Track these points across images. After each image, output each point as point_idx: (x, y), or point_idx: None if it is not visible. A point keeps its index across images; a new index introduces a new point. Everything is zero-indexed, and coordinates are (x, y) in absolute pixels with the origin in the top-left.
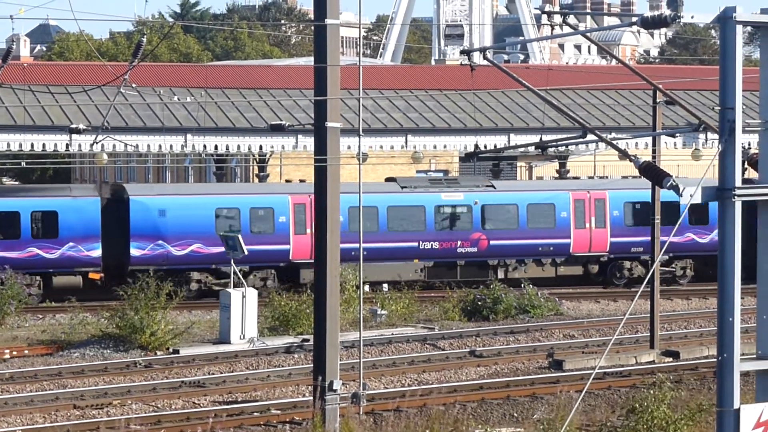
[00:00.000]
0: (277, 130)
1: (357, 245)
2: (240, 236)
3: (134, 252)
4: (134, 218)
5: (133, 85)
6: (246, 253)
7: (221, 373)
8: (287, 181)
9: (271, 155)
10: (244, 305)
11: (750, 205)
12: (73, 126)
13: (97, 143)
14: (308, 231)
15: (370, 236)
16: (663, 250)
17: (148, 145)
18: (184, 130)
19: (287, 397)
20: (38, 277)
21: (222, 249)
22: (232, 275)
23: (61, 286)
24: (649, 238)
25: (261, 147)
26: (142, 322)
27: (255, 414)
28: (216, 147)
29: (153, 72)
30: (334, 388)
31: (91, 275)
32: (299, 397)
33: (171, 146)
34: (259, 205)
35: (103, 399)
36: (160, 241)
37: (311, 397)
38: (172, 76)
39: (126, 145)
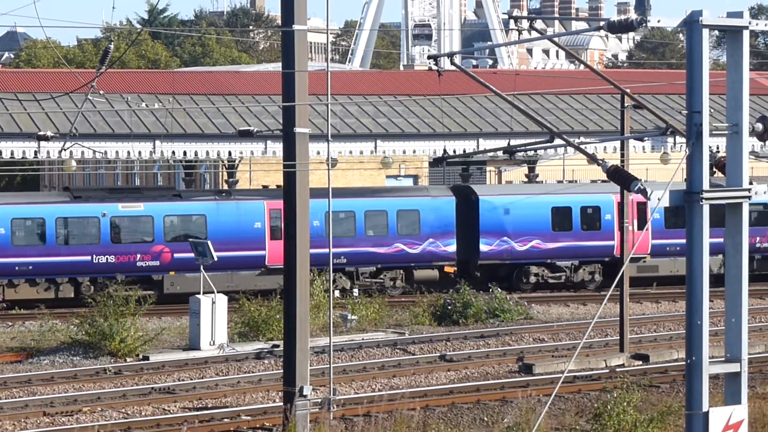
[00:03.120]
0: (245, 135)
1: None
2: (210, 243)
3: (483, 247)
4: (483, 216)
5: (101, 92)
6: (215, 259)
7: (191, 379)
8: (603, 181)
9: (240, 161)
10: (214, 311)
11: None
12: (41, 133)
13: (65, 150)
14: (630, 228)
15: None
16: None
17: (117, 152)
18: (153, 136)
19: (257, 403)
20: (401, 271)
21: (558, 244)
22: (201, 279)
23: (421, 279)
24: None
25: (230, 153)
26: (112, 329)
27: (225, 420)
28: (185, 153)
29: (121, 78)
30: (305, 393)
31: (447, 269)
32: (269, 403)
33: (139, 153)
34: (588, 203)
35: (73, 406)
36: (505, 238)
37: (281, 403)
38: (140, 83)
39: (94, 151)
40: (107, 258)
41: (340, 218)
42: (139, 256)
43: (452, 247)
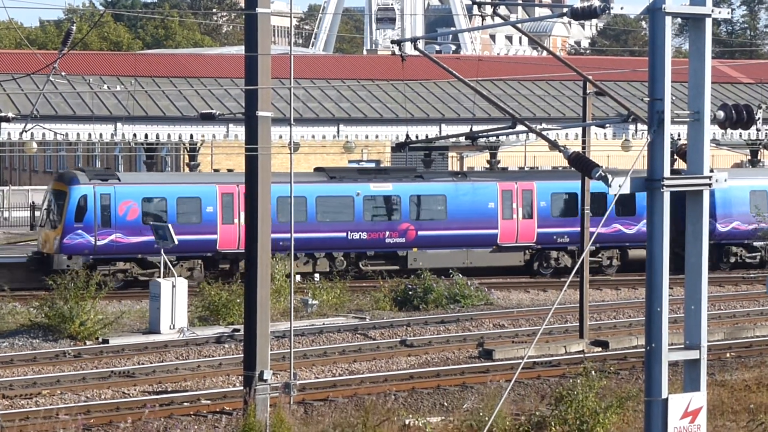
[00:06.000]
0: (207, 118)
1: None
2: (170, 226)
3: None
4: None
5: (63, 74)
6: (176, 242)
7: (151, 363)
8: None
9: (201, 144)
10: (174, 295)
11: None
12: (2, 114)
13: (26, 132)
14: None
15: None
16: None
17: (78, 134)
18: (114, 118)
19: (217, 387)
20: (617, 251)
21: (755, 226)
22: (162, 264)
23: (635, 258)
24: None
25: (191, 136)
26: (72, 312)
27: (185, 404)
28: (146, 136)
29: (83, 60)
30: (265, 378)
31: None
32: (229, 387)
33: (101, 135)
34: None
35: (32, 389)
36: (710, 219)
37: (241, 387)
38: (102, 65)
39: (56, 133)
40: (360, 234)
41: (564, 200)
42: (387, 233)
43: None
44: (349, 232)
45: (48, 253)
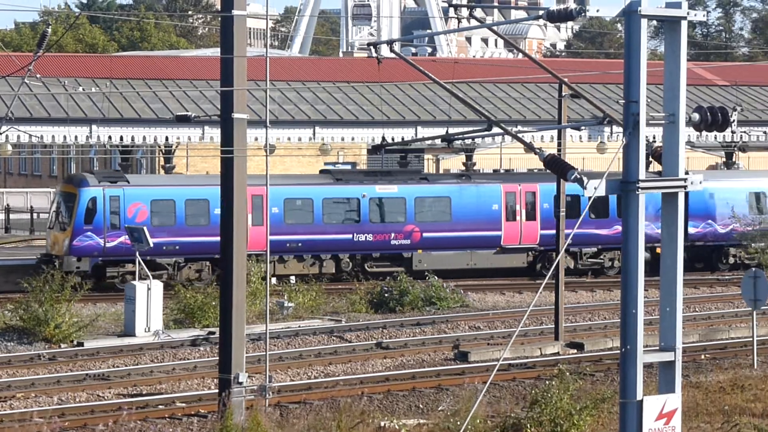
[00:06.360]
0: (183, 121)
1: None
2: (145, 228)
3: (690, 230)
4: (692, 200)
5: (38, 76)
6: (151, 245)
7: (126, 365)
8: None
9: (177, 146)
10: (149, 297)
11: None
12: None
13: (1, 134)
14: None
15: None
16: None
17: (53, 136)
18: (89, 120)
19: (193, 390)
20: (619, 252)
21: (754, 227)
22: (136, 265)
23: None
24: None
25: (167, 138)
26: (47, 315)
27: (160, 407)
28: (121, 138)
29: (58, 62)
30: (240, 380)
31: (658, 250)
32: (205, 390)
33: (76, 137)
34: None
35: (7, 392)
36: (710, 221)
37: (217, 390)
38: (78, 67)
39: (30, 136)
40: (366, 236)
41: (567, 202)
42: (393, 234)
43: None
44: (355, 234)
45: (57, 255)
